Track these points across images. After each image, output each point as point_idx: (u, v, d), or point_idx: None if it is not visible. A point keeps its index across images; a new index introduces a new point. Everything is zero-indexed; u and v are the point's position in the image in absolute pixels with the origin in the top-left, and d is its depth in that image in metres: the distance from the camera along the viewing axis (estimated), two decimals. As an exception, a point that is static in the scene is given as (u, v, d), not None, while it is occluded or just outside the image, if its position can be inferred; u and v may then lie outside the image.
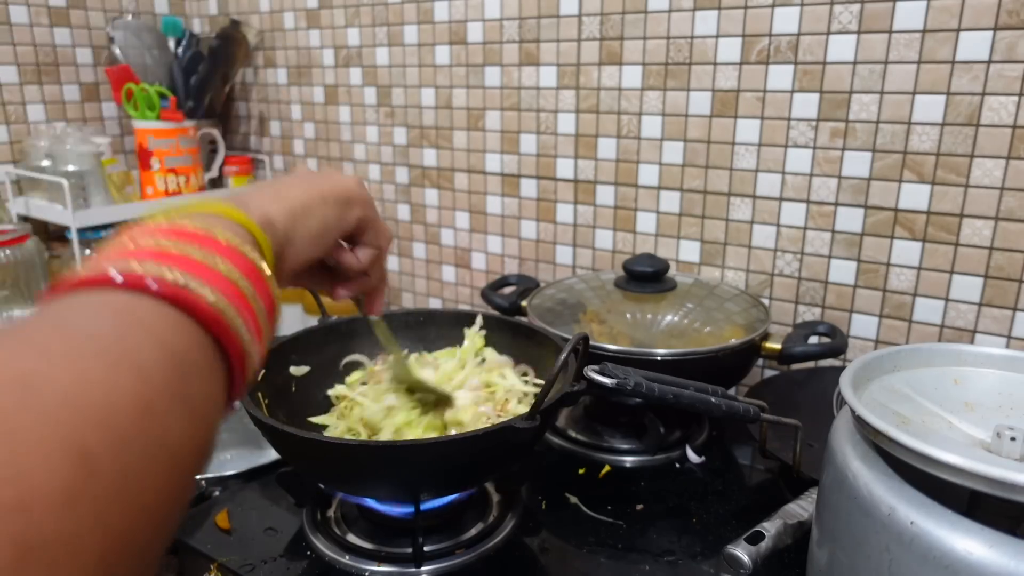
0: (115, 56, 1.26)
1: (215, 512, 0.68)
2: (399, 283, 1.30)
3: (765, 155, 0.88)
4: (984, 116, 0.74)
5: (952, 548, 0.38)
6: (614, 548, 0.63)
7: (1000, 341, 0.79)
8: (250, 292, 0.31)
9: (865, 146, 0.81)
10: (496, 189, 1.12)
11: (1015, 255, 0.76)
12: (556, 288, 0.92)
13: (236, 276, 0.30)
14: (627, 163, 0.98)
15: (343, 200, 0.44)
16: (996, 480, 0.37)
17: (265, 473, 0.74)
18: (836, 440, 0.48)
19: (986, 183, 0.76)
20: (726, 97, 0.89)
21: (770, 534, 0.57)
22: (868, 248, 0.84)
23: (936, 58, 0.76)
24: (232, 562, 0.61)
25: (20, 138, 1.24)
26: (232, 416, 0.99)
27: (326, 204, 0.42)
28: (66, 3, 1.26)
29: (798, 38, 0.82)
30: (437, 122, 1.15)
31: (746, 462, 0.79)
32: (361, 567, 0.60)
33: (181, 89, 1.28)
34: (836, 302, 0.88)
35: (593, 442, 0.81)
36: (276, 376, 0.68)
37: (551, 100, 1.03)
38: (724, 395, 0.65)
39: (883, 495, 0.42)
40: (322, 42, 1.26)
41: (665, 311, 0.83)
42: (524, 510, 0.68)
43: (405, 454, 0.54)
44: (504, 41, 1.05)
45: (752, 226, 0.91)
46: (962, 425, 0.47)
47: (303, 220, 0.40)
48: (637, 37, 0.93)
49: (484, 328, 0.76)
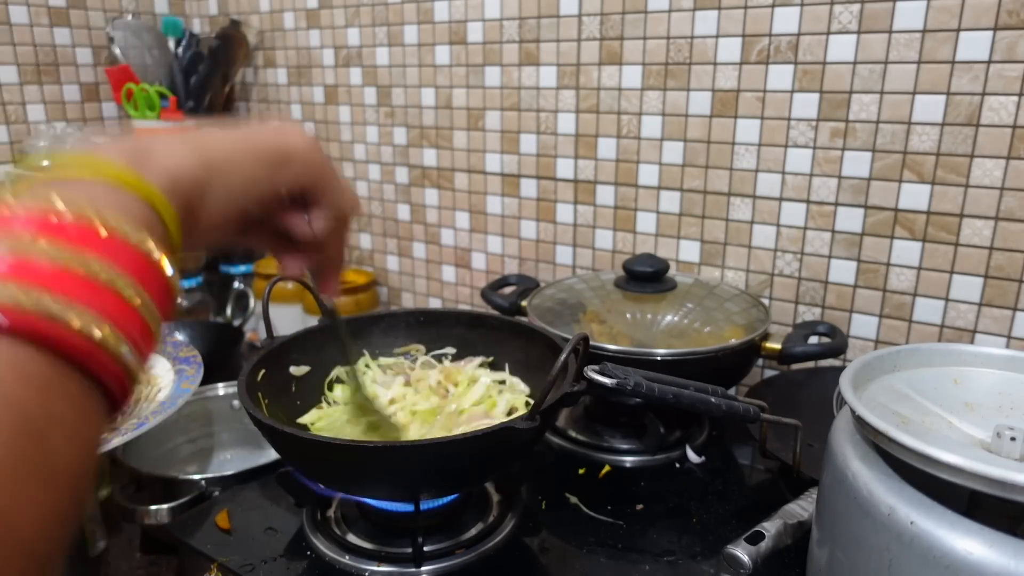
0: (115, 56, 1.26)
1: (215, 512, 0.68)
2: (399, 283, 1.30)
3: (765, 155, 0.88)
4: (984, 116, 0.74)
5: (952, 548, 0.38)
6: (614, 548, 0.63)
7: (1000, 341, 0.79)
8: (133, 293, 0.27)
9: (865, 146, 0.81)
10: (496, 189, 1.12)
11: (1015, 255, 0.76)
12: (556, 288, 0.92)
13: (114, 277, 0.26)
14: (627, 163, 0.98)
15: (279, 157, 0.38)
16: (996, 480, 0.37)
17: (265, 473, 0.74)
18: (836, 440, 0.48)
19: (986, 183, 0.76)
20: (726, 97, 0.89)
21: (770, 534, 0.57)
22: (868, 248, 0.84)
23: (936, 58, 0.76)
24: (232, 562, 0.61)
25: (20, 138, 1.24)
26: (232, 416, 0.98)
27: (256, 160, 0.37)
28: (66, 3, 1.26)
29: (798, 38, 0.82)
30: (437, 122, 1.15)
31: (746, 462, 0.79)
32: (361, 567, 0.60)
33: (181, 89, 1.28)
34: (836, 302, 0.88)
35: (593, 442, 0.81)
36: (276, 376, 0.68)
37: (551, 100, 1.03)
38: (724, 395, 0.65)
39: (883, 495, 0.42)
40: (322, 42, 1.26)
41: (665, 311, 0.83)
42: (524, 510, 0.68)
43: (405, 454, 0.54)
44: (504, 41, 1.05)
45: (752, 226, 0.91)
46: (962, 425, 0.47)
47: (222, 175, 0.35)
48: (637, 37, 0.93)
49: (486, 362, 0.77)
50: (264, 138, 0.38)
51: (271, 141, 0.38)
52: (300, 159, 0.39)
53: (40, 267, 0.25)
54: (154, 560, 0.73)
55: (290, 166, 0.39)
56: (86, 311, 0.25)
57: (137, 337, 0.27)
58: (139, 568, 0.73)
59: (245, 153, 0.37)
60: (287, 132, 0.39)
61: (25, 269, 0.25)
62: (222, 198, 0.35)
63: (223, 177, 0.35)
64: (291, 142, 0.39)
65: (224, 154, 0.36)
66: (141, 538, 0.75)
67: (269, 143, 0.38)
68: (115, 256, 0.27)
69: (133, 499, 0.72)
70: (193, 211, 0.34)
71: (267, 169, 0.38)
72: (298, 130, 0.40)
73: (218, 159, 0.35)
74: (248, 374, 0.63)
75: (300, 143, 0.39)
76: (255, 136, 0.38)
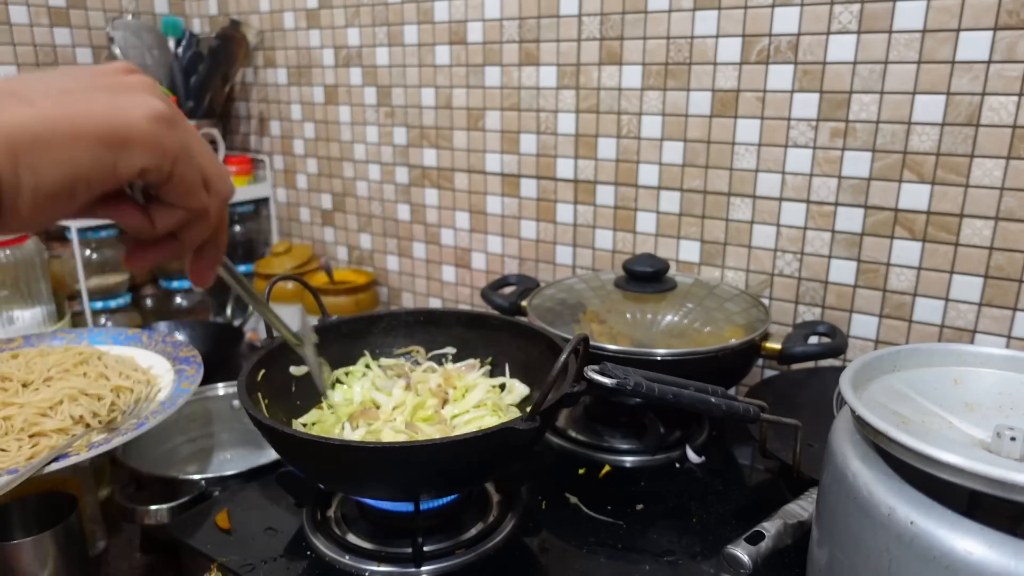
0: (115, 56, 1.26)
1: (215, 512, 0.68)
2: (399, 283, 1.30)
3: (765, 155, 0.88)
4: (984, 116, 0.74)
5: (952, 548, 0.38)
6: (614, 548, 0.63)
7: (1000, 341, 0.79)
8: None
9: (865, 146, 0.81)
10: (496, 189, 1.12)
11: (1015, 255, 0.76)
12: (556, 288, 0.92)
13: None
14: (627, 163, 0.98)
15: (111, 137, 0.29)
16: (996, 480, 0.37)
17: (265, 473, 0.74)
18: (836, 440, 0.48)
19: (986, 183, 0.76)
20: (726, 97, 0.89)
21: (770, 534, 0.57)
22: (868, 248, 0.84)
23: (936, 58, 0.76)
24: (232, 562, 0.61)
25: (20, 138, 1.24)
26: (232, 416, 0.98)
27: (81, 141, 0.28)
28: (66, 3, 1.26)
29: (798, 38, 0.82)
30: (437, 122, 1.15)
31: (746, 462, 0.79)
32: (361, 567, 0.60)
33: (181, 89, 1.28)
34: (836, 302, 0.88)
35: (593, 442, 0.81)
36: (276, 376, 0.68)
37: (551, 100, 1.03)
38: (724, 395, 0.65)
39: (883, 495, 0.42)
40: (322, 42, 1.26)
41: (665, 311, 0.83)
42: (524, 510, 0.68)
43: (405, 454, 0.54)
44: (504, 41, 1.05)
45: (752, 226, 0.91)
46: (962, 425, 0.47)
47: (34, 161, 0.27)
48: (637, 37, 0.93)
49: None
50: (94, 113, 0.29)
51: (102, 118, 0.29)
52: (142, 142, 0.30)
53: None
54: (154, 560, 0.73)
55: (128, 151, 0.30)
56: None
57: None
58: (139, 568, 0.73)
59: (63, 135, 0.28)
60: (130, 109, 0.30)
61: None
62: (38, 198, 0.28)
63: (36, 167, 0.28)
64: (132, 119, 0.30)
65: (32, 130, 0.28)
66: (141, 538, 0.75)
67: (101, 120, 0.29)
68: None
69: (133, 499, 0.72)
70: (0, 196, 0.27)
71: (95, 154, 0.29)
72: (143, 101, 0.31)
73: (23, 139, 0.27)
74: (248, 374, 0.63)
75: (144, 122, 0.30)
76: (83, 109, 0.29)
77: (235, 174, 1.37)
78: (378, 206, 1.28)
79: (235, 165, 1.37)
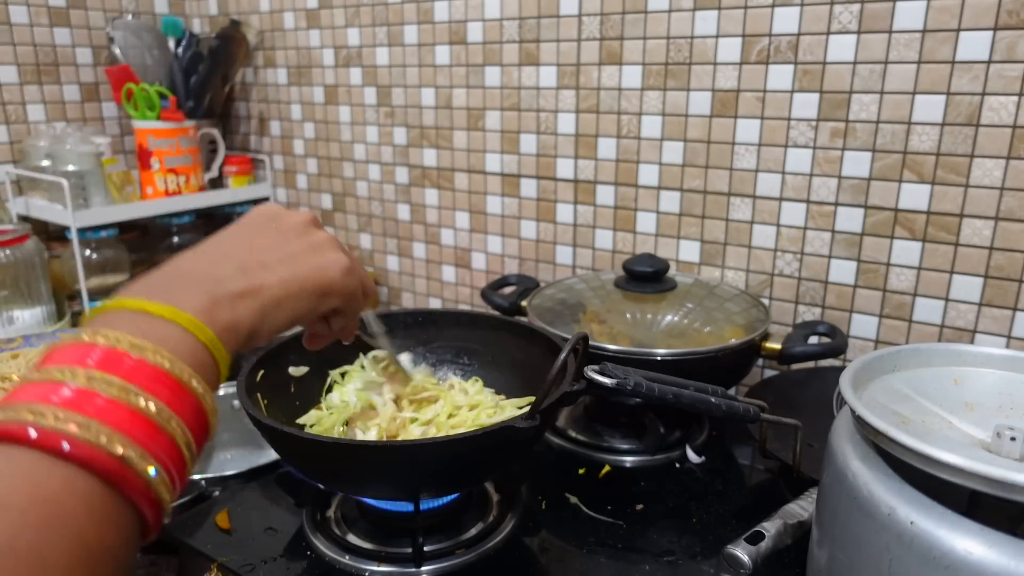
0: (115, 56, 1.26)
1: (215, 512, 0.68)
2: (399, 283, 1.30)
3: (765, 155, 0.88)
4: (984, 116, 0.74)
5: (952, 548, 0.38)
6: (614, 548, 0.63)
7: (1000, 341, 0.79)
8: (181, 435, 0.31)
9: (865, 146, 0.81)
10: (496, 189, 1.12)
11: (1015, 255, 0.76)
12: (556, 288, 0.92)
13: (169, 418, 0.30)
14: (627, 163, 0.98)
15: (321, 291, 0.42)
16: (996, 480, 0.37)
17: (265, 473, 0.74)
18: (836, 440, 0.48)
19: (986, 183, 0.76)
20: (726, 97, 0.89)
21: (770, 534, 0.57)
22: (868, 248, 0.84)
23: (936, 58, 0.76)
24: (232, 562, 0.61)
25: (20, 138, 1.24)
26: (232, 416, 0.98)
27: (302, 296, 0.41)
28: (66, 3, 1.26)
29: (798, 38, 0.82)
30: (437, 122, 1.15)
31: (746, 462, 0.79)
32: (361, 567, 0.60)
33: (181, 89, 1.28)
34: (836, 302, 0.88)
35: (593, 442, 0.81)
36: (275, 376, 0.68)
37: (551, 100, 1.03)
38: (724, 395, 0.65)
39: (883, 495, 0.42)
40: (322, 42, 1.26)
41: (665, 311, 0.83)
42: (524, 510, 0.68)
43: (405, 454, 0.54)
44: (504, 41, 1.05)
45: (752, 226, 0.91)
46: (962, 425, 0.47)
47: (273, 315, 0.39)
48: (637, 37, 0.93)
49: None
50: (311, 277, 0.42)
51: (316, 279, 0.42)
52: (338, 291, 0.44)
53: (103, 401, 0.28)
54: (154, 560, 0.73)
55: (329, 298, 0.43)
56: (145, 452, 0.29)
57: (176, 477, 0.31)
58: (139, 568, 0.73)
59: (293, 295, 0.40)
60: (329, 268, 0.43)
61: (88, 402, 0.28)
62: (271, 332, 0.40)
63: (273, 317, 0.39)
64: (332, 277, 0.43)
65: (275, 299, 0.39)
66: (141, 538, 0.75)
67: (315, 281, 0.42)
68: (171, 398, 0.31)
69: (133, 499, 0.72)
70: (243, 347, 0.39)
71: (310, 303, 0.42)
72: (339, 261, 0.44)
73: (268, 304, 0.39)
74: (247, 374, 0.63)
75: (339, 277, 0.43)
76: (303, 274, 0.41)
77: (235, 174, 1.37)
78: (378, 206, 1.28)
79: (235, 165, 1.37)
